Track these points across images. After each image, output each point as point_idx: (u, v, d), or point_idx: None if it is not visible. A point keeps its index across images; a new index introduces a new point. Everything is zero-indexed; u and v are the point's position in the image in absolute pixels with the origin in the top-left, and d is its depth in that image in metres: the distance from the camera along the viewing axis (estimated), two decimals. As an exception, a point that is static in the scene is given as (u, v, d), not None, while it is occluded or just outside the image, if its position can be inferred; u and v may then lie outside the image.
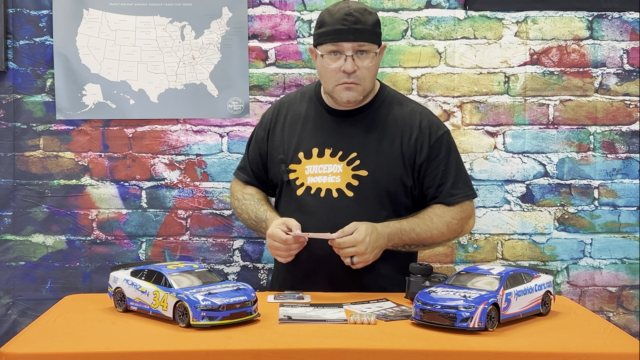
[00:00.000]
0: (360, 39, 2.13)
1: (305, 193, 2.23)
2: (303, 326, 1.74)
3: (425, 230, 2.21)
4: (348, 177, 2.21)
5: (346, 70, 2.14)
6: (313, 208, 2.21)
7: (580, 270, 2.92)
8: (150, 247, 2.88)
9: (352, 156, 2.22)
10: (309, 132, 2.28)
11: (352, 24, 2.12)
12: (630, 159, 2.90)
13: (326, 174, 2.23)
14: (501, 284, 1.75)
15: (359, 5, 2.18)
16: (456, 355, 1.59)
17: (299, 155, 2.26)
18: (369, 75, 2.18)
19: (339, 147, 2.23)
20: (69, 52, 2.81)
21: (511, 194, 2.89)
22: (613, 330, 1.78)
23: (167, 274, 1.81)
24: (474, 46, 2.87)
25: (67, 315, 1.89)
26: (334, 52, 2.15)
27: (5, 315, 2.87)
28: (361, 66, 2.15)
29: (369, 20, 2.15)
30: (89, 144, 2.86)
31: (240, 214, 2.39)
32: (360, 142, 2.23)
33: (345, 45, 2.13)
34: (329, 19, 2.15)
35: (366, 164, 2.21)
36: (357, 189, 2.20)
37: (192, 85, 2.85)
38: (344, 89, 2.17)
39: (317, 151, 2.25)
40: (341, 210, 2.19)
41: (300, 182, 2.25)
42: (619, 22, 2.87)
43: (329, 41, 2.15)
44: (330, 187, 2.21)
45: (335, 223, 2.13)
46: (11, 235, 2.87)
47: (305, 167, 2.25)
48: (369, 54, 2.16)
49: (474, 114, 2.88)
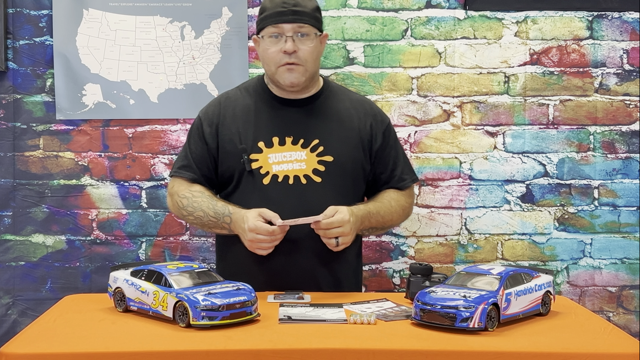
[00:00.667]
0: (299, 21, 2.18)
1: (273, 181, 2.22)
2: (303, 326, 1.74)
3: (388, 213, 2.29)
4: (314, 164, 2.23)
5: (287, 50, 2.18)
6: (282, 196, 2.21)
7: (580, 270, 2.92)
8: (150, 247, 2.88)
9: (314, 143, 2.24)
10: (264, 122, 2.28)
11: (292, 6, 2.18)
12: (630, 159, 2.90)
13: (291, 161, 2.24)
14: (501, 284, 1.75)
15: None
16: (456, 355, 1.59)
17: (259, 145, 2.25)
18: (310, 57, 2.22)
19: (300, 135, 2.25)
20: (69, 52, 2.81)
21: (511, 194, 2.90)
22: (613, 330, 1.78)
23: (167, 274, 1.81)
24: (474, 46, 2.87)
25: (67, 315, 1.88)
26: (275, 34, 2.20)
27: (5, 315, 2.87)
28: (302, 47, 2.19)
29: (309, 5, 2.21)
30: (89, 144, 2.86)
31: (192, 212, 2.25)
32: (320, 130, 2.26)
33: (285, 27, 2.18)
34: (270, 4, 2.21)
35: (330, 150, 2.24)
36: (324, 175, 2.23)
37: (192, 85, 2.85)
38: (286, 70, 2.21)
39: (277, 140, 2.25)
40: (311, 196, 2.21)
41: (264, 170, 2.23)
42: (619, 22, 2.87)
43: (269, 24, 2.19)
44: (297, 173, 2.23)
45: (306, 209, 2.15)
46: (11, 235, 2.87)
47: (268, 156, 2.24)
48: (309, 36, 2.20)
49: (474, 114, 2.88)
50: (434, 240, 2.90)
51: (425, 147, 2.88)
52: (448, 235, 2.90)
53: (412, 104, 2.87)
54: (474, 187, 2.90)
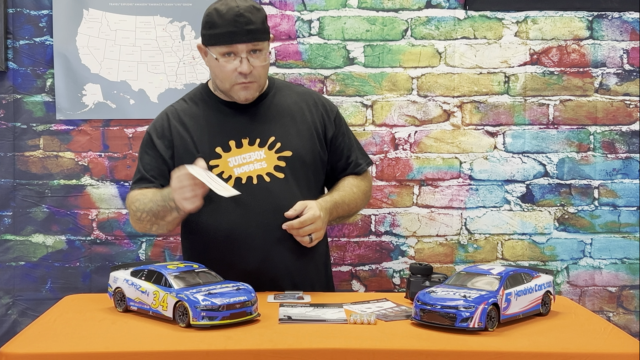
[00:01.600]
0: (253, 39, 2.15)
1: (237, 184, 2.20)
2: (303, 326, 1.74)
3: (352, 200, 2.31)
4: (274, 161, 2.23)
5: (243, 71, 2.15)
6: (249, 197, 2.19)
7: (580, 270, 2.92)
8: (150, 247, 2.88)
9: (271, 140, 2.24)
10: (217, 127, 2.26)
11: (245, 25, 2.12)
12: (630, 159, 2.90)
13: (251, 161, 2.23)
14: (501, 284, 1.75)
15: (247, 3, 2.16)
16: (456, 355, 1.59)
17: (217, 150, 2.23)
18: (264, 71, 2.22)
19: (255, 135, 2.24)
20: (69, 52, 2.81)
21: (511, 194, 2.90)
22: (613, 330, 1.78)
23: (167, 274, 1.81)
24: (474, 46, 2.87)
25: (67, 315, 1.89)
26: (228, 53, 2.16)
27: (5, 315, 2.87)
28: (256, 65, 2.17)
29: (259, 18, 2.16)
30: (89, 144, 2.86)
31: (144, 209, 2.19)
32: (274, 127, 2.26)
33: (240, 47, 2.14)
34: (220, 20, 2.14)
35: (287, 145, 2.24)
36: (286, 170, 2.23)
37: (192, 85, 2.84)
38: (242, 89, 2.20)
39: (234, 143, 2.24)
40: (277, 192, 2.20)
41: (227, 175, 2.21)
42: (619, 22, 2.87)
43: (223, 43, 2.15)
44: (259, 172, 2.22)
45: (276, 206, 2.17)
46: (11, 235, 2.87)
47: (227, 160, 2.23)
48: (262, 52, 2.18)
49: (474, 114, 2.88)
50: (434, 240, 2.90)
51: (425, 147, 2.88)
52: (448, 235, 2.90)
53: (412, 104, 2.87)
54: (474, 187, 2.90)
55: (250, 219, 2.18)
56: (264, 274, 2.17)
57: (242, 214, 2.19)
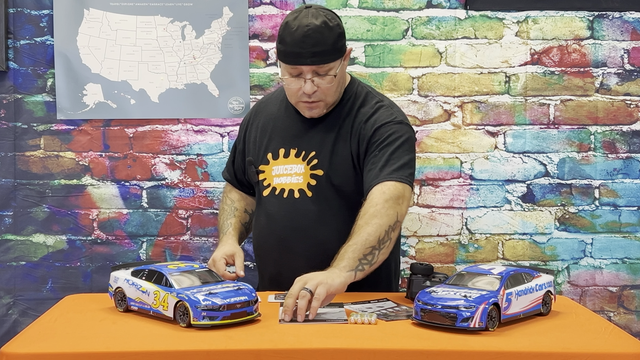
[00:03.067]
0: (318, 62, 2.08)
1: (271, 194, 2.23)
2: (303, 326, 1.74)
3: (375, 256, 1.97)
4: (308, 177, 2.20)
5: (306, 92, 2.11)
6: (276, 209, 2.22)
7: (580, 270, 2.92)
8: (150, 247, 2.88)
9: (311, 155, 2.20)
10: (278, 132, 2.28)
11: (311, 47, 2.05)
12: (631, 158, 2.90)
13: (290, 174, 2.22)
14: (502, 284, 1.75)
15: (319, 20, 2.07)
16: (457, 355, 1.59)
17: (268, 157, 2.26)
18: (331, 91, 2.14)
19: (302, 147, 2.22)
20: (70, 52, 2.81)
21: (512, 194, 2.89)
22: (614, 330, 1.78)
23: (168, 273, 1.81)
24: (474, 46, 2.87)
25: (67, 315, 1.89)
26: (294, 74, 2.11)
27: (6, 315, 2.87)
28: (321, 86, 2.11)
29: (330, 39, 2.08)
30: (90, 144, 2.86)
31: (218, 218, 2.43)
32: (318, 141, 2.21)
33: (305, 69, 2.09)
34: (289, 39, 2.08)
35: (322, 163, 2.19)
36: (315, 189, 2.18)
37: (193, 85, 2.85)
38: (306, 108, 2.17)
39: (283, 152, 2.24)
40: (302, 210, 2.19)
41: (267, 182, 2.25)
42: (619, 22, 2.87)
43: (288, 63, 2.10)
44: (293, 187, 2.20)
45: (296, 225, 2.17)
46: (12, 235, 2.87)
47: (272, 168, 2.25)
48: (329, 73, 2.10)
49: (475, 113, 2.88)
50: (434, 240, 2.90)
51: (426, 147, 2.88)
52: (449, 235, 2.90)
53: (412, 103, 2.87)
54: (475, 187, 2.89)
55: (272, 231, 2.20)
56: (278, 285, 2.16)
57: (268, 225, 2.24)
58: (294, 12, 2.13)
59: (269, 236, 2.23)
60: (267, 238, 2.25)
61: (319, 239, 2.17)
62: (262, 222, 2.26)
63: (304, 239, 2.17)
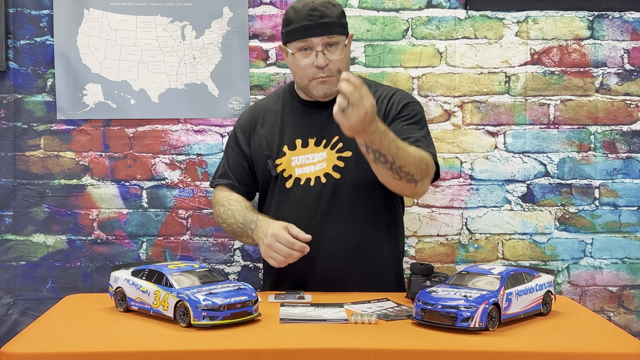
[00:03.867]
0: (328, 32, 2.17)
1: (295, 184, 2.26)
2: (304, 326, 1.74)
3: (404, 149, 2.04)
4: (333, 160, 2.24)
5: (318, 65, 2.17)
6: (303, 197, 2.24)
7: (581, 270, 2.92)
8: (151, 247, 2.88)
9: (334, 140, 2.25)
10: (288, 125, 2.31)
11: (319, 19, 2.15)
12: (631, 158, 2.90)
13: (313, 163, 2.25)
14: (502, 284, 1.75)
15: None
16: (457, 355, 1.59)
17: (284, 149, 2.29)
18: (341, 65, 2.21)
19: (322, 136, 2.26)
20: (70, 52, 2.81)
21: (512, 194, 2.89)
22: (614, 330, 1.78)
23: (168, 273, 1.81)
24: (474, 46, 2.87)
25: (67, 315, 1.89)
26: (304, 48, 2.19)
27: (6, 315, 2.87)
28: (332, 59, 2.18)
29: (334, 12, 2.19)
30: (90, 144, 2.86)
31: (225, 219, 2.29)
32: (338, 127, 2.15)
33: (315, 40, 2.17)
34: (295, 16, 2.18)
35: (348, 145, 2.23)
36: (343, 170, 2.23)
37: (193, 85, 2.85)
38: (319, 83, 2.21)
39: (300, 142, 2.27)
40: (330, 193, 2.22)
41: (288, 174, 2.27)
42: (619, 21, 2.87)
43: (298, 38, 2.18)
44: (318, 174, 2.24)
45: (326, 209, 2.20)
46: (12, 235, 2.87)
47: (291, 159, 2.27)
48: (338, 45, 2.19)
49: (475, 113, 2.88)
50: (434, 240, 2.90)
51: (426, 147, 2.88)
52: (449, 235, 2.90)
53: (412, 103, 2.87)
54: (475, 186, 2.89)
55: (299, 221, 2.18)
56: (312, 274, 2.18)
57: (296, 214, 2.22)
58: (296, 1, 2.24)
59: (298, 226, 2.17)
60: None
61: (354, 220, 2.22)
62: (287, 214, 2.23)
63: (337, 221, 2.20)
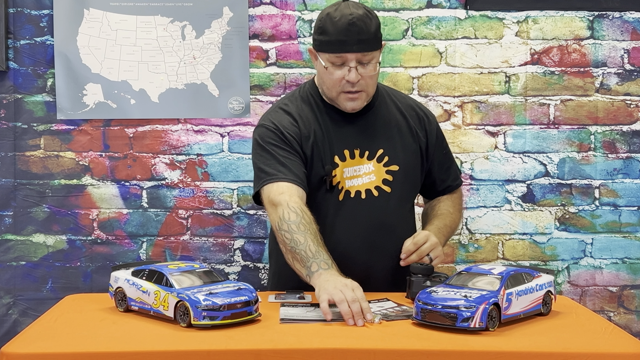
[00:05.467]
0: (364, 50, 2.09)
1: (346, 197, 2.19)
2: (304, 326, 1.74)
3: (451, 222, 2.31)
4: (382, 174, 2.21)
5: (351, 80, 2.10)
6: (356, 211, 2.19)
7: (581, 270, 2.92)
8: (151, 247, 2.88)
9: (379, 153, 2.22)
10: (333, 135, 2.21)
11: (356, 35, 2.07)
12: (631, 158, 2.90)
13: (360, 175, 2.21)
14: (502, 284, 1.75)
15: (360, 11, 2.10)
16: (457, 355, 1.59)
17: (335, 160, 2.19)
18: (372, 81, 2.16)
19: (365, 147, 2.21)
20: (70, 52, 2.81)
21: (512, 194, 2.89)
22: (614, 330, 1.78)
23: (168, 273, 1.81)
24: (474, 46, 2.87)
25: (67, 315, 1.89)
26: (337, 63, 2.11)
27: (6, 315, 2.87)
28: (365, 75, 2.12)
29: (372, 28, 2.10)
30: (90, 144, 2.86)
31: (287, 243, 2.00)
32: (382, 138, 2.23)
33: (349, 57, 2.09)
34: (332, 28, 2.08)
35: (395, 158, 2.22)
36: (392, 184, 2.22)
37: (193, 85, 2.85)
38: (348, 99, 2.15)
39: (348, 153, 2.20)
40: (383, 208, 2.21)
41: (340, 186, 2.20)
42: (619, 21, 2.87)
43: (332, 52, 2.09)
44: (368, 187, 2.21)
45: (380, 223, 2.19)
46: (12, 235, 2.87)
47: (343, 170, 2.20)
48: (372, 61, 2.12)
49: (475, 113, 2.88)
50: (434, 240, 2.90)
51: (426, 146, 2.88)
52: (449, 235, 2.90)
53: (412, 103, 2.87)
54: (475, 187, 2.90)
55: (355, 235, 2.17)
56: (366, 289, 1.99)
57: (348, 229, 2.18)
58: (332, 5, 2.14)
59: (354, 240, 2.17)
60: (352, 243, 2.18)
61: (401, 233, 2.21)
62: (341, 227, 2.18)
63: (390, 235, 2.19)
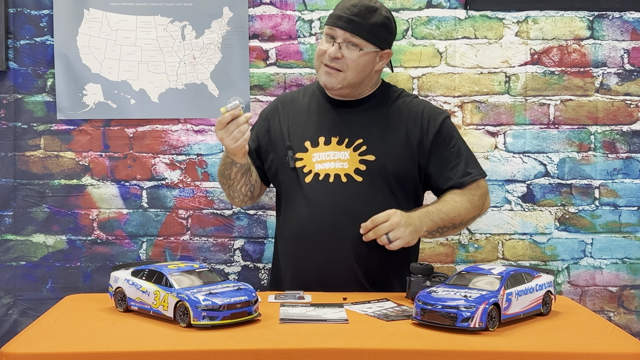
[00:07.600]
0: (352, 31, 2.20)
1: (314, 180, 2.25)
2: (303, 326, 1.74)
3: (452, 209, 2.24)
4: (355, 163, 2.24)
5: (330, 54, 2.20)
6: (322, 193, 2.23)
7: (581, 270, 2.91)
8: (150, 247, 2.88)
9: (358, 142, 2.25)
10: (313, 122, 2.32)
11: (351, 15, 2.19)
12: (631, 158, 2.90)
13: (333, 160, 2.25)
14: (502, 284, 1.75)
15: (373, 3, 2.22)
16: (457, 355, 1.59)
17: (306, 144, 2.29)
18: (353, 67, 2.22)
19: (345, 135, 2.27)
20: (70, 52, 2.81)
21: (512, 194, 2.89)
22: (614, 330, 1.78)
23: (168, 273, 1.81)
24: (474, 46, 2.87)
25: (67, 315, 1.89)
26: (330, 35, 2.23)
27: (6, 315, 2.87)
28: (347, 56, 2.21)
29: (370, 19, 2.20)
30: (90, 144, 2.86)
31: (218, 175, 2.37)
32: (365, 130, 2.27)
33: (338, 32, 2.20)
34: (339, 5, 2.25)
35: (373, 149, 2.24)
36: (365, 174, 2.23)
37: (193, 85, 2.85)
38: (325, 72, 2.24)
39: (323, 139, 2.28)
40: (351, 194, 2.22)
41: (307, 169, 2.27)
42: (619, 21, 2.87)
43: (328, 23, 2.24)
44: (338, 172, 2.24)
45: (348, 208, 2.19)
46: (12, 235, 2.87)
47: (312, 155, 2.27)
48: (357, 47, 2.21)
49: (475, 113, 2.88)
50: (434, 240, 2.90)
51: (426, 147, 2.88)
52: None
53: (412, 103, 2.87)
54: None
55: (320, 217, 2.20)
56: (329, 272, 2.18)
57: (314, 211, 2.22)
58: None
59: (316, 223, 2.21)
60: (314, 225, 2.22)
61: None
62: (305, 210, 2.24)
63: (357, 222, 2.18)
